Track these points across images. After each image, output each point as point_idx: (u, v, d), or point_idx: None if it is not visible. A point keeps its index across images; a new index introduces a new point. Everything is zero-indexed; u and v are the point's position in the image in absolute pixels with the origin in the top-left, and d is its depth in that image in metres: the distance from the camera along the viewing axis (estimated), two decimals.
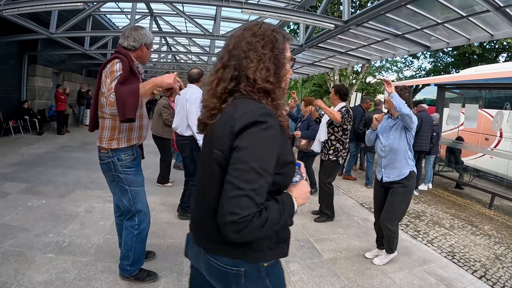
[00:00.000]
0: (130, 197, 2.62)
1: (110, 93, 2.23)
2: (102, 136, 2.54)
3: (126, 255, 2.69)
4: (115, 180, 2.59)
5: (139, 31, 2.57)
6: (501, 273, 3.46)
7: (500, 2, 4.79)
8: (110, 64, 2.39)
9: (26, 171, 6.00)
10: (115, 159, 2.54)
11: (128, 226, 2.68)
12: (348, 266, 3.32)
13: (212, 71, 1.29)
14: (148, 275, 2.80)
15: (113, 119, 2.47)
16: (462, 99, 8.30)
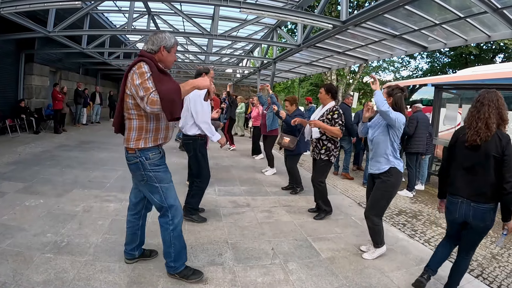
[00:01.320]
0: (161, 193, 2.68)
1: (149, 92, 2.32)
2: (130, 137, 2.57)
3: (167, 252, 2.77)
4: (144, 179, 2.65)
5: (158, 35, 2.64)
6: (497, 272, 3.49)
7: (498, 3, 4.83)
8: (136, 66, 2.45)
9: (23, 170, 5.98)
10: (143, 159, 2.60)
11: (163, 223, 2.75)
12: (346, 265, 3.33)
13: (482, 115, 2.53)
14: (193, 273, 2.84)
15: (140, 120, 2.55)
16: (459, 100, 8.33)
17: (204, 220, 4.21)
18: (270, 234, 3.97)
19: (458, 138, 2.74)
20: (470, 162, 2.57)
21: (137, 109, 2.52)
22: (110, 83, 21.42)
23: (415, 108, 6.80)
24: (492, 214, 2.53)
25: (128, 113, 2.57)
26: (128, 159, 2.65)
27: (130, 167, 2.69)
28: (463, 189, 2.61)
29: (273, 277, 2.98)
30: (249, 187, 6.00)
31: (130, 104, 2.51)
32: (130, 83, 2.45)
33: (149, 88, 2.34)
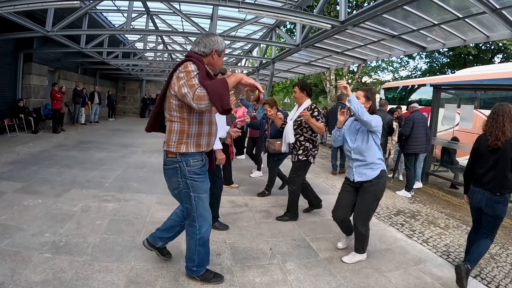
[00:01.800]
0: (193, 202, 2.60)
1: (194, 88, 2.26)
2: (170, 140, 2.51)
3: (191, 258, 2.73)
4: (180, 187, 2.58)
5: (210, 38, 2.60)
6: (495, 272, 3.50)
7: (496, 4, 4.83)
8: (182, 66, 2.40)
9: (21, 170, 5.97)
10: (183, 164, 2.52)
11: (189, 232, 2.70)
12: (344, 265, 3.33)
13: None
14: (214, 276, 2.84)
15: (181, 123, 2.48)
16: (458, 100, 8.35)
17: (226, 227, 4.04)
18: (268, 234, 3.98)
19: (480, 143, 3.23)
20: (491, 162, 3.08)
21: (180, 111, 2.46)
22: (108, 83, 21.40)
23: (411, 109, 6.80)
24: (502, 206, 3.04)
25: (170, 115, 2.50)
26: (166, 163, 2.58)
27: (166, 172, 2.61)
28: (483, 184, 3.12)
29: (271, 277, 2.98)
30: (247, 187, 6.00)
31: (173, 105, 2.45)
32: (175, 83, 2.38)
33: (194, 84, 2.28)
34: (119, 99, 23.60)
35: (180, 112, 2.46)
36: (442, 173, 7.80)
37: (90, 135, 11.61)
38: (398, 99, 13.81)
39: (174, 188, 2.61)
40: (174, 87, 2.38)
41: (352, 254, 3.47)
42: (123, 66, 17.91)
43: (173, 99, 2.44)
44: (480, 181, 3.16)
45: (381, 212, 5.20)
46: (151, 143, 10.43)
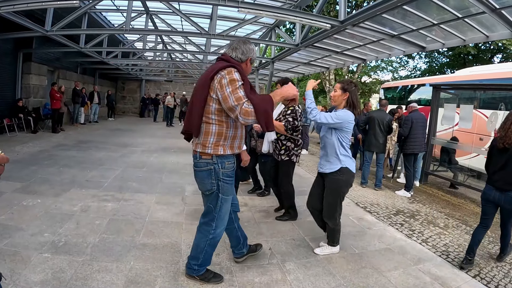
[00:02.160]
0: (218, 203, 2.62)
1: (242, 102, 2.27)
2: (207, 142, 2.51)
3: (196, 256, 2.74)
4: (213, 188, 2.59)
5: (248, 45, 2.64)
6: (495, 272, 3.50)
7: (496, 4, 4.83)
8: (225, 71, 2.39)
9: (21, 170, 5.96)
10: (218, 166, 2.54)
11: (203, 230, 2.71)
12: (343, 265, 3.34)
13: None
14: (214, 276, 2.85)
15: (219, 125, 2.49)
16: (457, 100, 8.35)
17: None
18: (267, 234, 3.98)
19: (494, 145, 3.47)
20: (501, 162, 3.33)
21: (218, 114, 2.47)
22: (108, 83, 21.38)
23: (410, 108, 6.80)
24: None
25: (207, 117, 2.48)
26: (198, 165, 2.58)
27: (199, 174, 2.60)
28: (498, 181, 3.36)
29: (271, 277, 2.98)
30: (247, 186, 5.99)
31: (212, 108, 2.44)
32: (217, 88, 2.37)
33: (241, 97, 2.29)
34: (119, 99, 23.58)
35: (218, 116, 2.47)
36: (442, 173, 7.80)
37: (90, 135, 11.60)
38: (397, 99, 13.81)
39: (207, 189, 2.62)
40: (218, 93, 2.38)
41: (323, 246, 3.57)
42: (123, 65, 17.90)
43: (213, 102, 2.44)
44: (492, 180, 3.45)
45: (381, 212, 5.20)
46: (150, 142, 10.44)
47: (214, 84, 2.39)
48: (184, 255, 3.24)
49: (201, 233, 2.72)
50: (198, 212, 4.43)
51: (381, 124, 6.56)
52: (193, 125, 2.53)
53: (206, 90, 2.43)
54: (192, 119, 2.54)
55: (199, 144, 2.54)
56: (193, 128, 2.54)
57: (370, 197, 6.02)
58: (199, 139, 2.54)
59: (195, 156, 2.59)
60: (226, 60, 2.51)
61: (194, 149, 2.60)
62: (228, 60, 2.52)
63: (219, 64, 2.49)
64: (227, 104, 2.32)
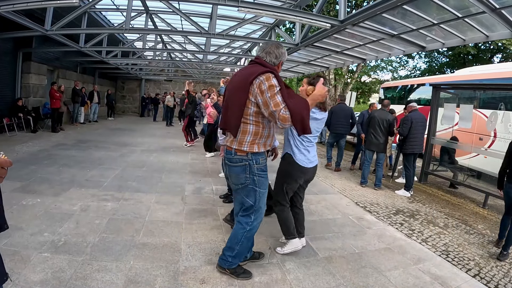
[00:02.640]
0: (257, 197, 2.76)
1: (280, 108, 2.42)
2: (244, 140, 2.65)
3: (231, 247, 2.84)
4: (247, 182, 2.72)
5: (280, 50, 2.75)
6: (494, 271, 3.50)
7: (496, 3, 4.82)
8: (264, 77, 2.50)
9: (20, 169, 5.95)
10: (253, 162, 2.69)
11: (243, 222, 2.82)
12: (343, 264, 3.34)
13: None
14: (243, 272, 2.93)
15: (256, 125, 2.64)
16: (457, 99, 8.35)
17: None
18: (266, 233, 3.97)
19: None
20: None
21: (256, 116, 2.61)
22: (108, 82, 21.36)
23: (410, 108, 6.77)
24: None
25: (246, 118, 2.62)
26: (233, 160, 2.71)
27: (234, 169, 2.73)
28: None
29: (271, 277, 2.98)
30: None
31: (251, 111, 2.58)
32: (257, 93, 2.50)
33: (279, 103, 2.42)
34: (118, 98, 23.56)
35: (256, 117, 2.62)
36: (441, 172, 7.80)
37: (89, 134, 11.59)
38: (397, 99, 13.81)
39: (241, 183, 2.74)
40: (258, 98, 2.51)
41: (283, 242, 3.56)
42: (122, 65, 17.86)
43: (251, 105, 2.57)
44: (510, 178, 3.95)
45: (380, 212, 5.20)
46: (150, 142, 10.44)
47: (254, 88, 2.52)
48: (184, 255, 3.24)
49: (240, 224, 2.83)
50: (197, 212, 4.45)
51: (381, 123, 6.56)
52: (231, 125, 2.66)
53: (246, 94, 2.55)
54: (229, 120, 2.67)
55: (235, 141, 2.68)
56: (231, 127, 2.66)
57: (370, 197, 6.02)
58: (237, 137, 2.67)
59: (230, 152, 2.72)
60: (261, 64, 2.64)
61: (228, 145, 2.73)
62: (263, 64, 2.64)
63: (255, 68, 2.61)
64: (267, 109, 2.48)
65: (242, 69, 2.83)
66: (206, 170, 7.04)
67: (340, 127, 8.26)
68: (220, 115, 3.00)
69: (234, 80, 2.75)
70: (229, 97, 2.72)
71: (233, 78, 2.83)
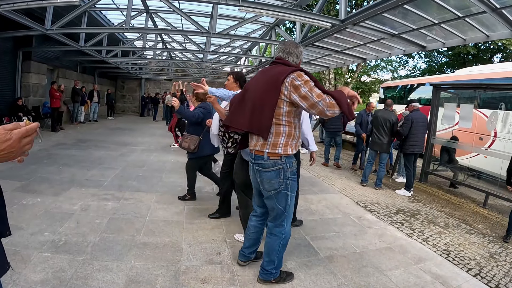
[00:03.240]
0: (288, 202, 2.68)
1: (323, 97, 2.37)
2: (277, 143, 2.57)
3: (272, 260, 2.79)
4: (280, 187, 2.63)
5: (299, 49, 2.79)
6: (495, 271, 3.50)
7: (497, 3, 4.83)
8: (295, 75, 2.47)
9: (20, 169, 5.94)
10: (287, 165, 2.61)
11: (277, 232, 2.76)
12: (344, 264, 3.34)
13: None
14: (287, 275, 2.95)
15: (289, 126, 2.58)
16: (457, 99, 8.36)
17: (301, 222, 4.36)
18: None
19: None
20: None
21: (288, 116, 2.55)
22: (108, 81, 21.34)
23: (411, 108, 6.76)
24: None
25: (278, 119, 2.55)
26: (266, 165, 2.61)
27: (267, 175, 2.63)
28: None
29: None
30: None
31: (283, 110, 2.52)
32: (291, 91, 2.45)
33: (321, 94, 2.38)
34: (118, 98, 23.55)
35: (288, 117, 2.55)
36: (442, 172, 7.80)
37: (89, 134, 11.58)
38: (397, 98, 13.81)
39: (274, 189, 2.64)
40: (292, 95, 2.45)
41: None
42: (122, 64, 17.85)
43: (283, 104, 2.51)
44: None
45: (381, 211, 5.20)
46: (150, 141, 10.43)
47: (286, 86, 2.47)
48: (184, 254, 3.24)
49: (274, 235, 2.76)
50: (198, 211, 4.45)
51: (384, 124, 6.55)
52: (262, 128, 2.56)
53: (277, 94, 2.49)
54: (257, 122, 2.58)
55: (267, 145, 2.58)
56: (262, 130, 2.56)
57: (370, 196, 6.01)
58: (268, 140, 2.58)
59: (261, 157, 2.62)
60: (286, 64, 2.63)
61: (258, 149, 2.63)
62: (288, 64, 2.64)
63: (281, 68, 2.58)
64: (308, 102, 2.40)
65: (265, 70, 2.77)
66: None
67: (332, 125, 8.67)
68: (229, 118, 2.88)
69: (259, 81, 2.68)
70: (254, 99, 2.61)
71: (255, 80, 2.76)
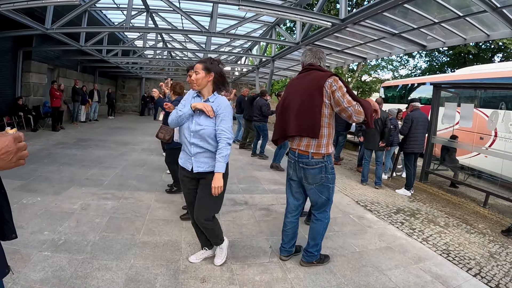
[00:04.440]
0: (330, 192, 3.01)
1: (353, 104, 2.68)
2: (321, 144, 2.85)
3: (316, 243, 3.12)
4: (322, 181, 2.93)
5: (325, 53, 3.12)
6: (495, 271, 3.49)
7: (497, 2, 4.82)
8: (332, 79, 2.75)
9: (20, 168, 5.89)
10: (328, 162, 2.91)
11: (322, 218, 3.10)
12: (344, 263, 3.33)
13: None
14: (325, 257, 3.29)
15: (329, 128, 2.85)
16: (458, 99, 8.35)
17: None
18: (268, 232, 3.97)
19: None
20: None
21: (329, 118, 2.81)
22: (108, 81, 21.36)
23: (412, 107, 6.75)
24: None
25: (321, 121, 2.79)
26: (310, 164, 2.89)
27: (311, 171, 2.90)
28: None
29: (271, 275, 2.97)
30: (247, 185, 5.99)
31: (326, 113, 2.78)
32: (330, 94, 2.73)
33: (351, 100, 2.68)
34: (119, 97, 23.57)
35: (328, 119, 2.82)
36: (442, 171, 7.79)
37: (89, 133, 11.58)
38: (397, 98, 13.80)
39: (316, 182, 2.94)
40: (331, 98, 2.74)
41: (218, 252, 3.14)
42: (123, 64, 17.87)
43: (326, 107, 2.78)
44: None
45: (381, 211, 5.19)
46: (150, 141, 10.41)
47: (326, 90, 2.74)
48: (184, 253, 3.23)
49: (319, 221, 3.09)
50: None
51: (376, 122, 6.54)
52: (311, 129, 2.80)
53: (321, 97, 2.75)
54: (306, 124, 2.81)
55: (311, 145, 2.86)
56: (312, 132, 2.80)
57: (370, 196, 6.01)
58: (313, 141, 2.85)
59: (306, 156, 2.90)
60: (320, 70, 2.93)
61: (302, 149, 2.90)
62: (321, 69, 2.95)
63: (318, 73, 2.87)
64: (339, 106, 2.70)
65: (300, 77, 3.02)
66: None
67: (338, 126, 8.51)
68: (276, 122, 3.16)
69: (298, 87, 2.92)
70: (301, 103, 2.84)
71: (294, 87, 3.00)
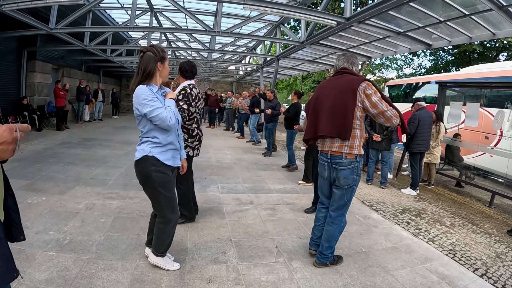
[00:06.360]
0: (352, 195, 3.05)
1: (389, 108, 2.79)
2: (354, 144, 2.91)
3: (330, 245, 3.13)
4: (354, 182, 2.98)
5: (358, 58, 3.19)
6: (502, 271, 3.46)
7: (503, 1, 4.77)
8: (366, 84, 2.86)
9: (25, 167, 5.97)
10: (359, 163, 2.97)
11: (338, 221, 3.10)
12: (350, 263, 3.31)
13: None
14: (339, 258, 3.29)
15: (360, 129, 2.92)
16: (463, 98, 8.28)
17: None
18: (273, 232, 3.96)
19: None
20: None
21: (361, 120, 2.90)
22: (112, 80, 21.42)
23: (417, 106, 6.69)
24: None
25: (354, 123, 2.88)
26: (343, 164, 2.94)
27: (344, 172, 2.94)
28: None
29: (278, 276, 2.96)
30: (252, 184, 5.98)
31: (358, 115, 2.87)
32: (363, 97, 2.82)
33: (387, 104, 2.80)
34: (123, 97, 23.61)
35: (360, 121, 2.90)
36: (447, 171, 7.74)
37: (94, 133, 11.62)
38: (402, 97, 13.73)
39: (348, 184, 2.97)
40: (365, 101, 2.82)
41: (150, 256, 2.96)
42: (127, 63, 17.90)
43: (359, 110, 2.86)
44: None
45: (387, 210, 5.17)
46: None
47: (359, 94, 2.82)
48: (190, 253, 3.23)
49: (335, 224, 3.09)
50: (203, 210, 4.43)
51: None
52: (343, 131, 2.87)
53: (354, 100, 2.83)
54: (339, 126, 2.89)
55: (344, 146, 2.92)
56: (344, 133, 2.87)
57: (376, 195, 5.98)
58: (346, 142, 2.91)
59: (339, 157, 2.95)
60: (353, 74, 3.02)
61: (336, 150, 2.96)
62: (354, 73, 3.03)
63: (351, 76, 2.97)
64: (377, 109, 2.79)
65: (332, 79, 3.10)
66: (212, 168, 7.03)
67: None
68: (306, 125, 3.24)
69: (331, 90, 3.00)
70: (333, 105, 2.92)
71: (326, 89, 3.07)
